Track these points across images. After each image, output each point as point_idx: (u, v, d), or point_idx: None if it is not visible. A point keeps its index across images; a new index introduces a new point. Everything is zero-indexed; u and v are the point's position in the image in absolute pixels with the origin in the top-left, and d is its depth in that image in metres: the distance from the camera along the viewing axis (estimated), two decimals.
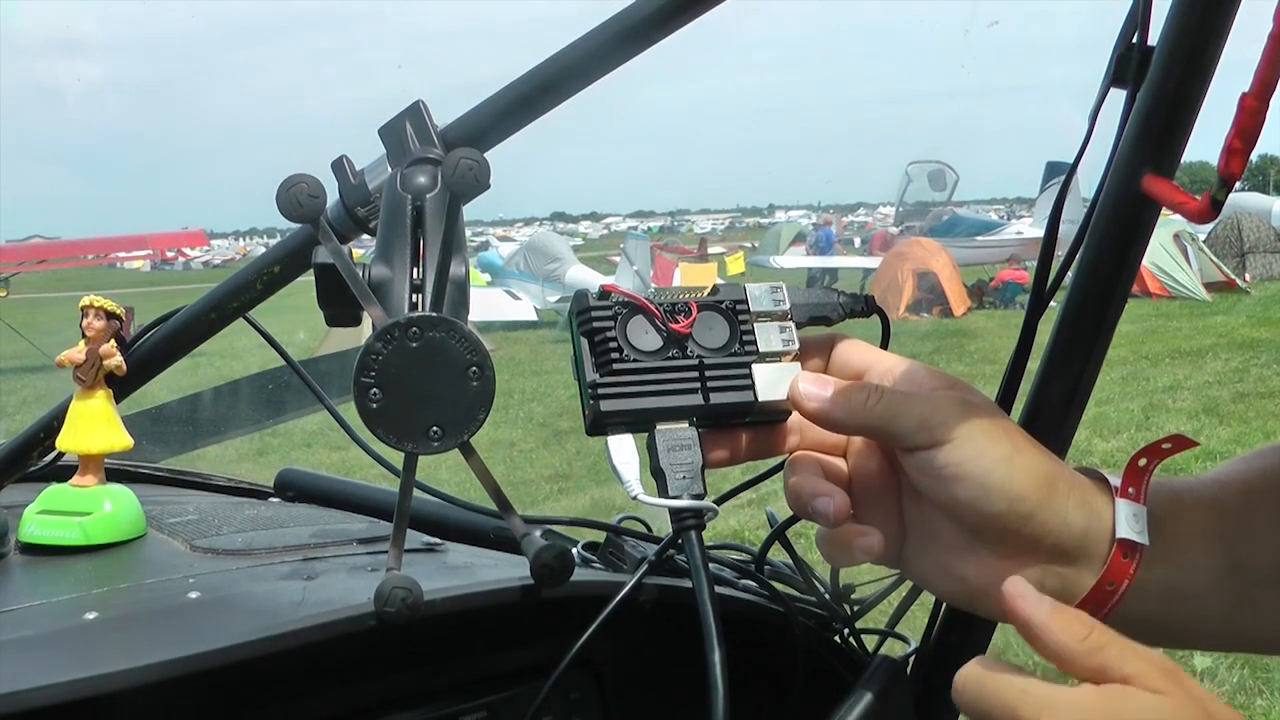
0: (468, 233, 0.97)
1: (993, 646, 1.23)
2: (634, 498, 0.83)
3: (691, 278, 23.52)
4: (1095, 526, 0.82)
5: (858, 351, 0.90)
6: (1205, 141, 0.77)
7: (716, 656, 0.79)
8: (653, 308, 0.85)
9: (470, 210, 0.92)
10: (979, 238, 30.97)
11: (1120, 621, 0.84)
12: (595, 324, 0.84)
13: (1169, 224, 20.85)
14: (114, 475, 1.20)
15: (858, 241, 40.00)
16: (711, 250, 43.07)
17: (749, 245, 46.95)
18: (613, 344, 0.83)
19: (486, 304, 21.13)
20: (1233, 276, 22.39)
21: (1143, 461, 0.85)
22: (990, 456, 0.80)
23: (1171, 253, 21.03)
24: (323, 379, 1.49)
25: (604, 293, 0.86)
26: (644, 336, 0.85)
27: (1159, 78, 0.92)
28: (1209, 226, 24.76)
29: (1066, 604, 0.83)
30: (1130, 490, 0.84)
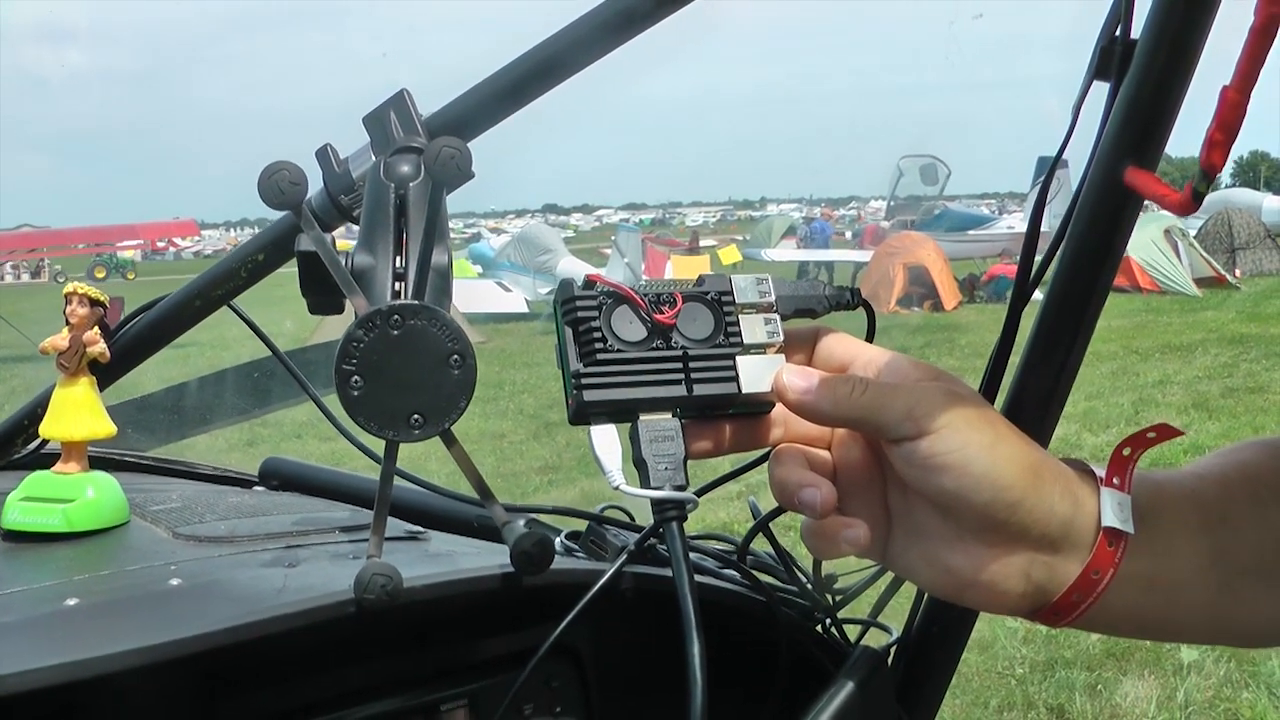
0: (459, 224, 0.97)
1: (978, 637, 1.23)
2: (616, 488, 0.83)
3: (683, 270, 23.52)
4: (1080, 515, 0.83)
5: (842, 344, 0.90)
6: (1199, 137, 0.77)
7: (695, 649, 0.79)
8: (637, 298, 0.85)
9: (461, 201, 0.92)
10: (970, 232, 30.97)
11: (1105, 612, 0.84)
12: (580, 313, 0.84)
13: (1160, 219, 20.87)
14: (98, 463, 1.19)
15: (849, 235, 40.04)
16: (703, 243, 43.15)
17: (741, 238, 47.04)
18: (597, 334, 0.83)
19: (477, 295, 21.11)
20: (1223, 272, 22.42)
21: (1127, 451, 0.85)
22: (975, 446, 0.80)
23: (1162, 248, 21.05)
24: (309, 369, 1.49)
25: (589, 282, 0.85)
26: (628, 327, 0.84)
27: (1142, 71, 0.92)
28: (1200, 222, 24.80)
29: (1053, 594, 0.84)
30: (1115, 480, 0.84)
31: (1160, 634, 0.94)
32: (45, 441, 1.34)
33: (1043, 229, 1.05)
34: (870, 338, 0.92)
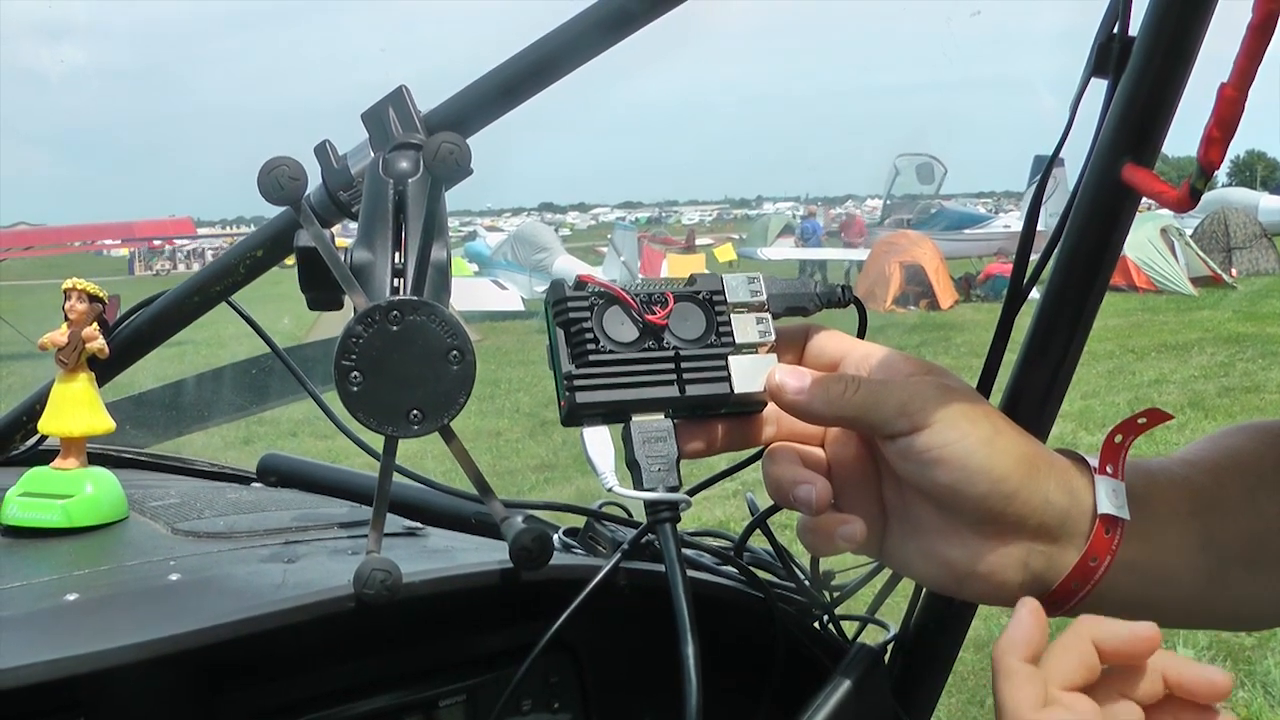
0: (455, 222, 0.98)
1: (974, 636, 1.23)
2: (609, 489, 0.84)
3: (679, 269, 23.53)
4: (1076, 504, 0.83)
5: (834, 341, 0.90)
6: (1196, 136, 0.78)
7: (690, 650, 0.79)
8: (629, 298, 0.85)
9: (458, 200, 0.92)
10: (967, 231, 30.96)
11: (1100, 600, 0.84)
12: (571, 314, 0.84)
13: (1156, 219, 20.86)
14: (97, 460, 1.20)
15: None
16: (699, 241, 43.10)
17: (737, 237, 47.00)
18: (589, 335, 0.83)
19: (474, 293, 21.10)
20: (1219, 271, 22.41)
21: (1119, 438, 0.86)
22: (971, 439, 0.81)
23: (1158, 247, 21.04)
24: (307, 365, 1.49)
25: (580, 283, 0.85)
26: (620, 327, 0.85)
27: (1140, 68, 0.92)
28: (1196, 221, 24.80)
29: (1051, 583, 0.84)
30: (1109, 467, 0.85)
31: (1150, 619, 0.95)
32: (44, 437, 1.34)
33: (1039, 228, 1.06)
34: (862, 334, 0.92)
